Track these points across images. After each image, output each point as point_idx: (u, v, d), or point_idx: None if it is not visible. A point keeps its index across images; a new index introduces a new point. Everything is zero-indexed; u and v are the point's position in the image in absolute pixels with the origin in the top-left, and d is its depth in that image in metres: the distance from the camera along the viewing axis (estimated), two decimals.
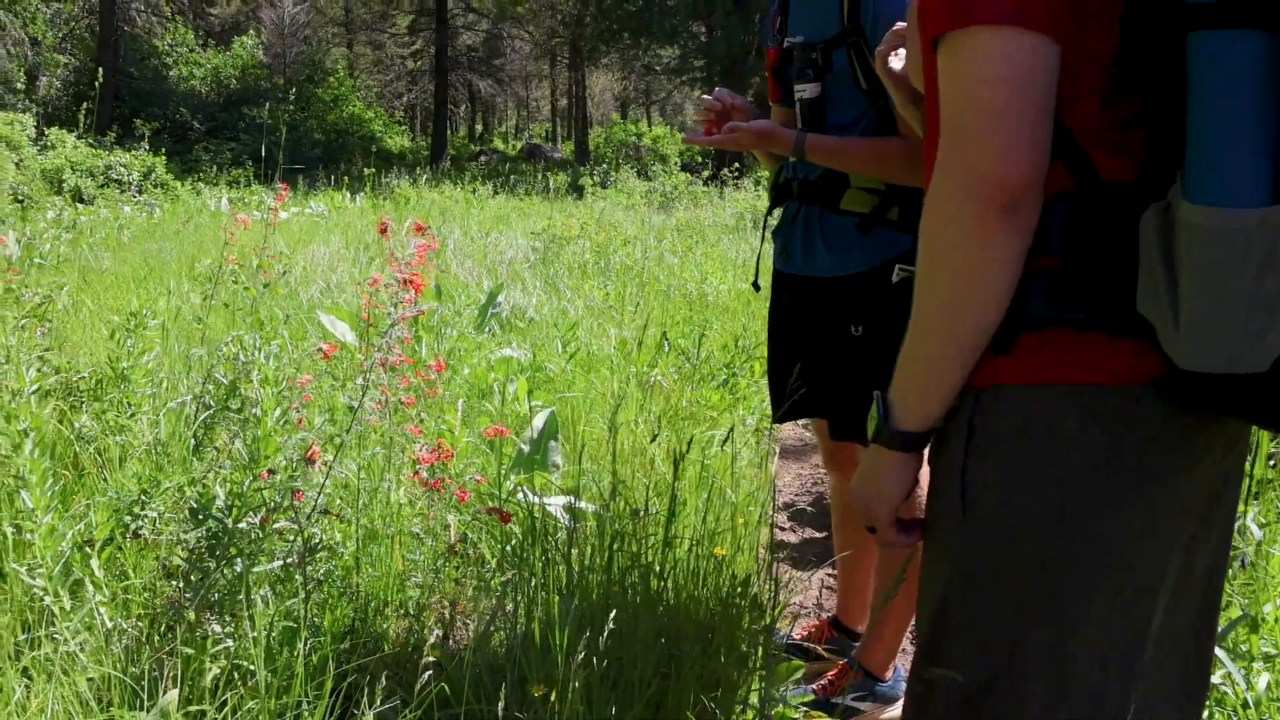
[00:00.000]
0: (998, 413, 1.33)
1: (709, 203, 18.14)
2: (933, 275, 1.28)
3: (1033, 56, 1.20)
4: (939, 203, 1.26)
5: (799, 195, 2.67)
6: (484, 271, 8.86)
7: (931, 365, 1.32)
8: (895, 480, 1.41)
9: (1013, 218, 1.22)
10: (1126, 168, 1.28)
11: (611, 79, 51.86)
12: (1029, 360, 1.30)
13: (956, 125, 1.24)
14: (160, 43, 31.75)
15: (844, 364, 2.62)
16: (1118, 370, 1.28)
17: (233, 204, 17.10)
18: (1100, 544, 1.30)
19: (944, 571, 1.40)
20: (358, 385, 3.13)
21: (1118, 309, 1.26)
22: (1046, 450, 1.30)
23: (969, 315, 1.27)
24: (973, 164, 1.21)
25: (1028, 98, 1.20)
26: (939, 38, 1.26)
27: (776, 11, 2.77)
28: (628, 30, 32.76)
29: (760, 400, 5.50)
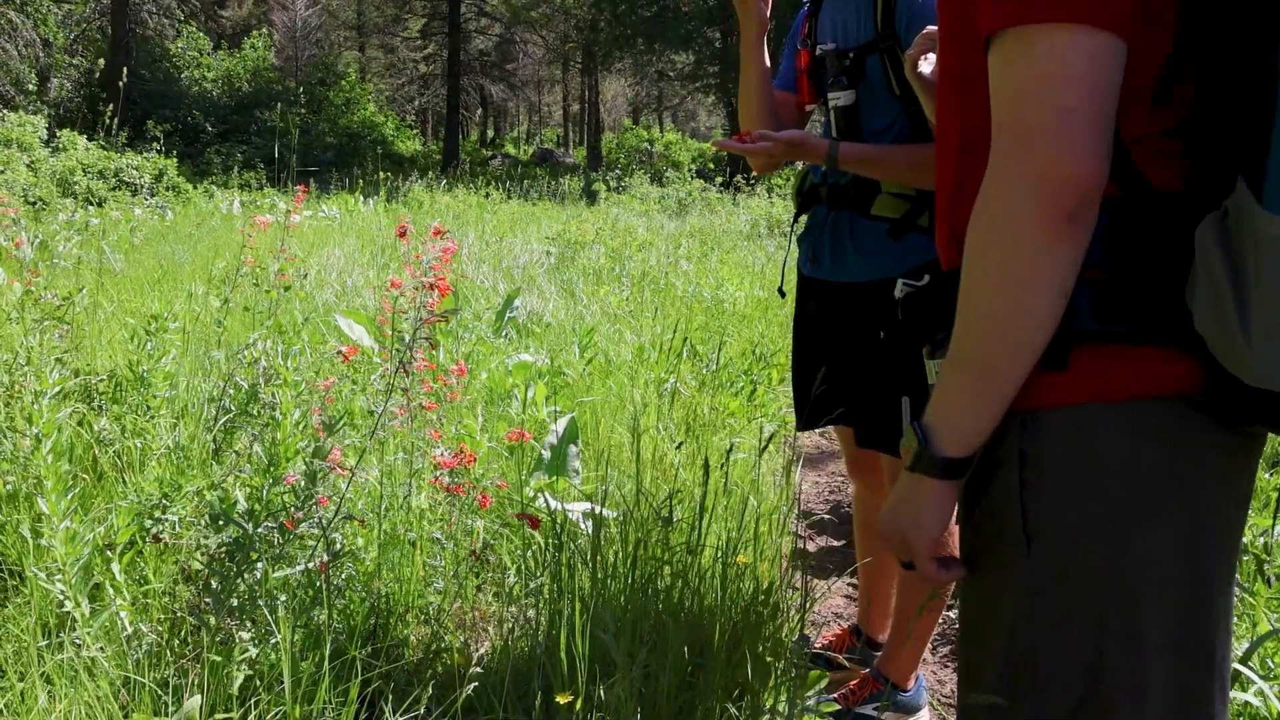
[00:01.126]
0: (1050, 437, 1.27)
1: (723, 209, 18.15)
2: (986, 286, 1.22)
3: (1106, 56, 1.15)
4: (994, 208, 1.20)
5: (829, 201, 2.66)
6: (499, 276, 8.85)
7: (982, 384, 1.25)
8: (936, 511, 1.32)
9: (1074, 225, 1.16)
10: (1173, 176, 1.24)
11: (624, 84, 51.86)
12: (1079, 378, 1.25)
13: (1020, 126, 1.18)
14: (174, 46, 31.84)
15: (871, 370, 2.60)
16: (1166, 383, 1.24)
17: (245, 207, 17.13)
18: (1165, 561, 1.26)
19: (1010, 604, 1.32)
20: (379, 389, 3.12)
21: (1166, 321, 1.22)
22: (1103, 472, 1.25)
23: (1026, 329, 1.20)
24: (1038, 167, 1.16)
25: (1098, 99, 1.15)
26: (999, 33, 1.20)
27: (807, 16, 2.77)
28: (641, 35, 32.76)
29: (779, 408, 5.47)
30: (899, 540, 1.37)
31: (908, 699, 2.92)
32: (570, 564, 2.86)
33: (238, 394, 3.56)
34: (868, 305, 2.58)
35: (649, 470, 3.76)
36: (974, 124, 1.29)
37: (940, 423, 1.29)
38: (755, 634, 2.72)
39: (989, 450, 1.31)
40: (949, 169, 1.37)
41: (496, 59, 46.80)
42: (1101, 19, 1.14)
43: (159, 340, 3.59)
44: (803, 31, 2.76)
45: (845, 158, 2.47)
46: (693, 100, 47.47)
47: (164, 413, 3.55)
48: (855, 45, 2.53)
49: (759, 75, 2.72)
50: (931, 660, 3.36)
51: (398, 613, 2.83)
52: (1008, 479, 1.30)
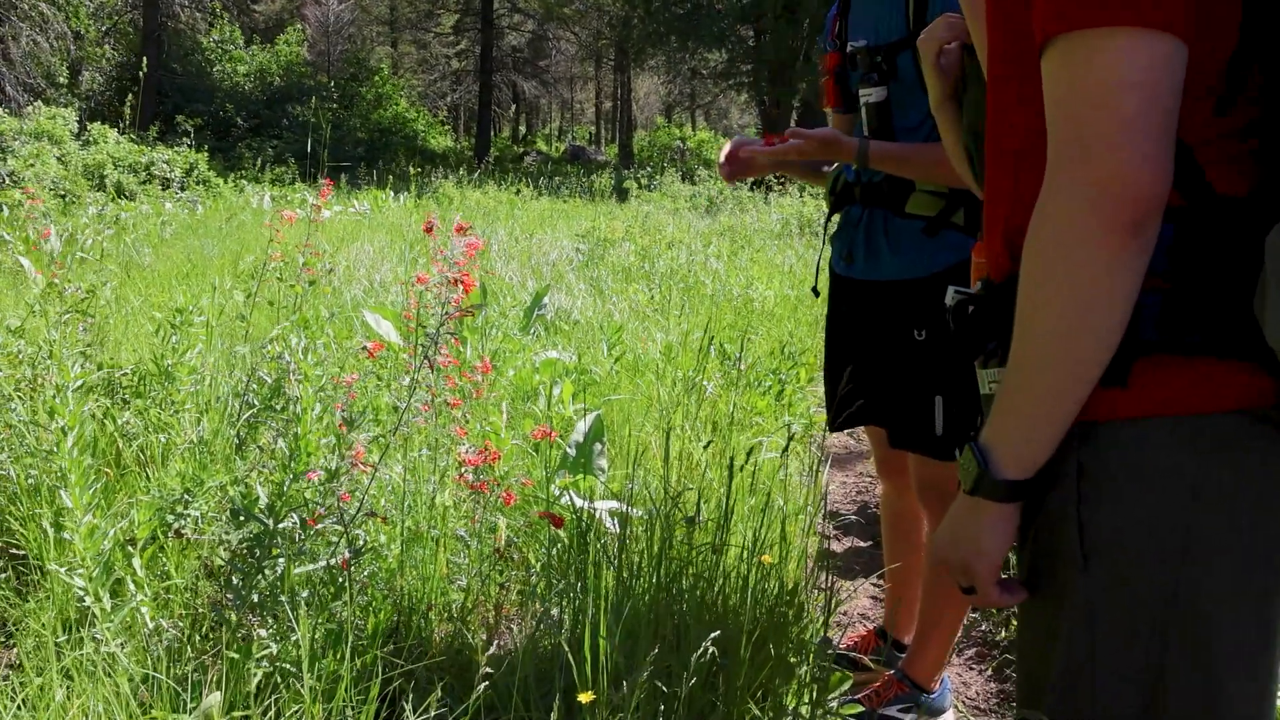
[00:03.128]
0: (1111, 451, 1.23)
1: (754, 208, 18.07)
2: (1047, 301, 1.17)
3: (1166, 60, 1.11)
4: (1054, 219, 1.15)
5: (862, 199, 2.64)
6: (528, 273, 8.83)
7: (1045, 403, 1.21)
8: (998, 535, 1.27)
9: (1138, 236, 1.12)
10: (1241, 182, 1.20)
11: (657, 82, 51.76)
12: (1142, 390, 1.21)
13: (1079, 135, 1.13)
14: (206, 39, 32.02)
15: (905, 369, 2.57)
16: (1232, 396, 1.20)
17: (275, 202, 17.20)
18: (1232, 579, 1.21)
19: (1066, 620, 1.28)
20: (404, 385, 3.09)
21: (1232, 331, 1.18)
22: (1166, 488, 1.21)
23: (1090, 345, 1.16)
24: (1099, 178, 1.11)
25: (1160, 106, 1.10)
26: (1055, 39, 1.16)
27: (836, 16, 2.75)
28: (675, 33, 32.64)
29: (807, 407, 5.42)
30: (960, 566, 1.33)
31: (933, 701, 2.88)
32: (596, 562, 2.83)
33: (261, 388, 3.54)
34: (902, 304, 2.56)
35: (676, 469, 3.72)
36: (1033, 129, 1.23)
37: (1000, 444, 1.24)
38: (780, 635, 2.69)
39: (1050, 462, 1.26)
40: (1004, 175, 1.33)
41: (529, 55, 46.90)
42: (1161, 21, 1.10)
43: (184, 334, 3.58)
44: (832, 33, 2.75)
45: (876, 156, 2.45)
46: (725, 98, 47.35)
47: (188, 407, 3.54)
48: (886, 42, 2.51)
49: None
50: (957, 662, 3.31)
51: (420, 610, 2.80)
52: (1065, 492, 1.25)
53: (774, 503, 3.31)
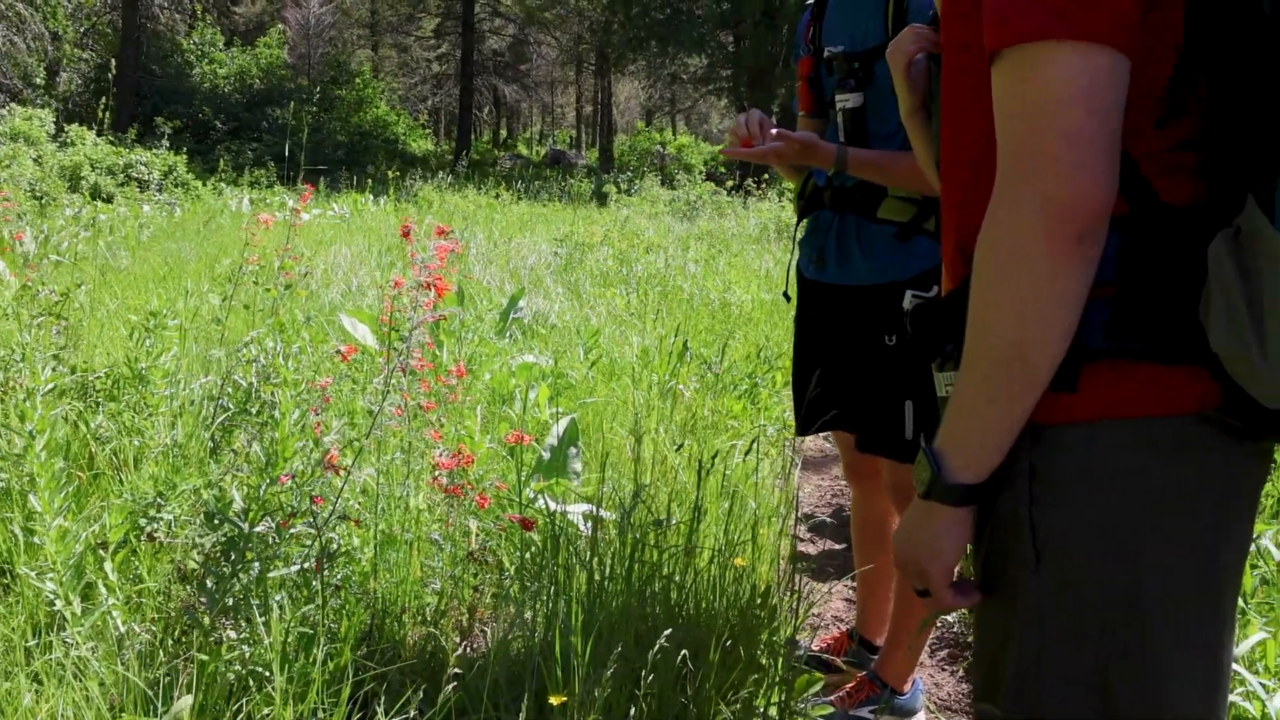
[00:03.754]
0: (1062, 453, 1.25)
1: (733, 213, 18.13)
2: (997, 310, 1.20)
3: (1109, 74, 1.13)
4: (1002, 232, 1.18)
5: (833, 204, 2.66)
6: (506, 277, 8.84)
7: (996, 409, 1.23)
8: (951, 538, 1.30)
9: (1084, 246, 1.14)
10: (1184, 191, 1.22)
11: (637, 86, 51.83)
12: (1089, 395, 1.23)
13: (1026, 147, 1.16)
14: (186, 41, 31.87)
15: (876, 374, 2.60)
16: (1179, 400, 1.22)
17: (254, 205, 17.15)
18: (1178, 578, 1.24)
19: (1019, 621, 1.31)
20: (377, 389, 3.09)
21: (1179, 337, 1.21)
22: (1115, 490, 1.23)
23: (1038, 352, 1.18)
24: (1044, 190, 1.13)
25: (1103, 119, 1.13)
26: (1004, 50, 1.18)
27: (810, 21, 2.77)
28: (655, 38, 32.74)
29: (782, 411, 5.45)
30: (915, 569, 1.34)
31: (904, 702, 2.92)
32: (568, 565, 2.84)
33: (236, 392, 3.54)
34: (873, 309, 2.58)
35: (649, 472, 3.74)
36: (989, 138, 1.25)
37: (953, 449, 1.27)
38: (750, 637, 2.71)
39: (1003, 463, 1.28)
40: (960, 182, 1.35)
41: (510, 59, 46.82)
42: (1102, 36, 1.12)
43: (158, 337, 3.58)
44: (806, 38, 2.77)
45: (854, 163, 2.47)
46: (705, 103, 47.42)
47: (162, 411, 3.53)
48: (864, 49, 2.53)
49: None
50: (929, 664, 3.34)
51: (394, 613, 2.81)
52: (1017, 494, 1.27)
53: (746, 505, 3.33)
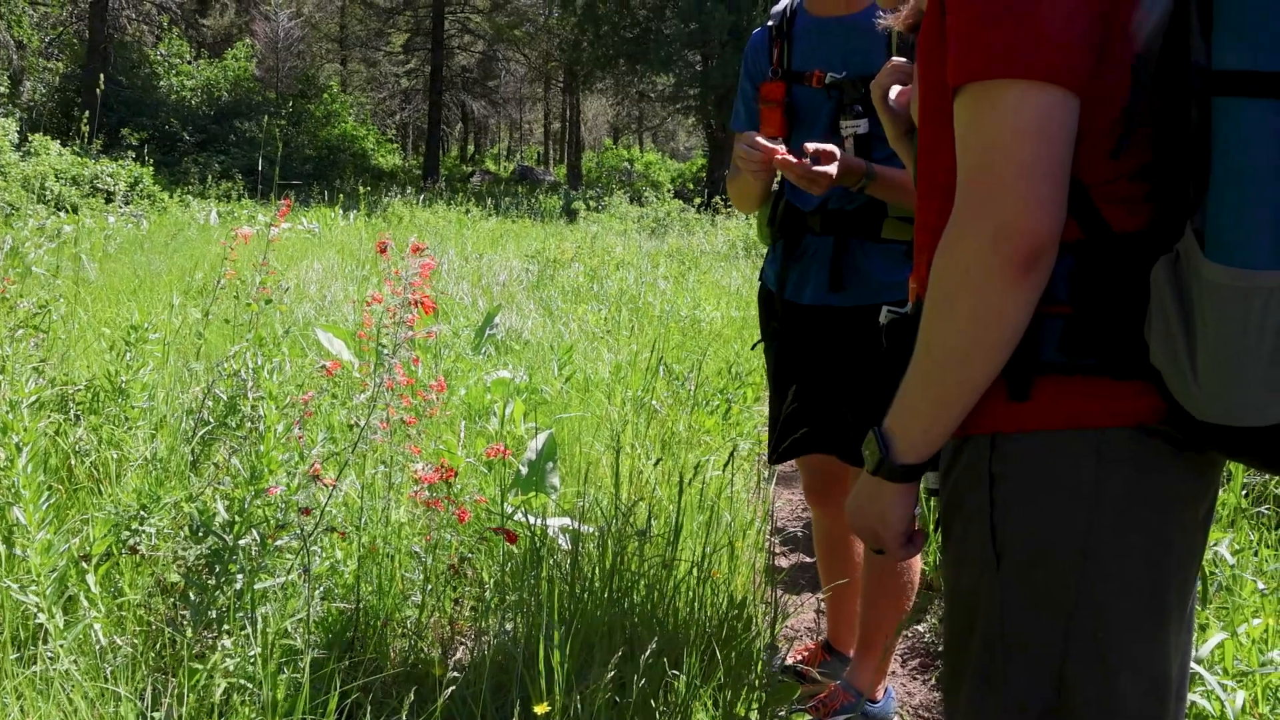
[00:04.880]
0: (1018, 460, 1.35)
1: (701, 230, 18.23)
2: (947, 321, 1.30)
3: (1061, 112, 1.23)
4: (956, 251, 1.28)
5: (824, 228, 2.70)
6: (479, 293, 8.87)
7: (938, 405, 1.35)
8: (898, 508, 1.44)
9: (1032, 271, 1.24)
10: (1133, 219, 1.31)
11: (605, 104, 52.03)
12: (1044, 406, 1.33)
13: (981, 177, 1.25)
14: (153, 52, 31.66)
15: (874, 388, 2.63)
16: (1128, 412, 1.31)
17: (222, 218, 17.06)
18: (1128, 580, 1.33)
19: (981, 618, 1.40)
20: (361, 403, 3.12)
21: (1127, 354, 1.30)
22: (1068, 495, 1.33)
23: (980, 362, 1.29)
24: (998, 217, 1.23)
25: (1052, 152, 1.23)
26: (964, 86, 1.28)
27: (772, 44, 2.80)
28: (623, 57, 32.91)
29: (754, 426, 5.51)
30: (869, 534, 1.49)
31: (877, 710, 2.99)
32: (549, 578, 2.89)
33: (216, 406, 3.56)
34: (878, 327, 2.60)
35: (626, 486, 3.79)
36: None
37: (900, 434, 1.39)
38: (728, 646, 2.76)
39: (965, 469, 1.39)
40: (933, 209, 1.42)
41: (479, 75, 46.81)
42: (1053, 76, 1.22)
43: (138, 351, 3.59)
44: (772, 60, 2.79)
45: (881, 179, 2.52)
46: (673, 121, 47.68)
47: (141, 424, 3.54)
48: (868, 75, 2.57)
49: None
50: (901, 673, 3.41)
51: (376, 625, 2.84)
52: (979, 498, 1.37)
53: (721, 518, 3.38)
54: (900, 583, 2.85)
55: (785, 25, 2.78)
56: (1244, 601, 3.01)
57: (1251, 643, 2.80)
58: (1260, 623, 2.85)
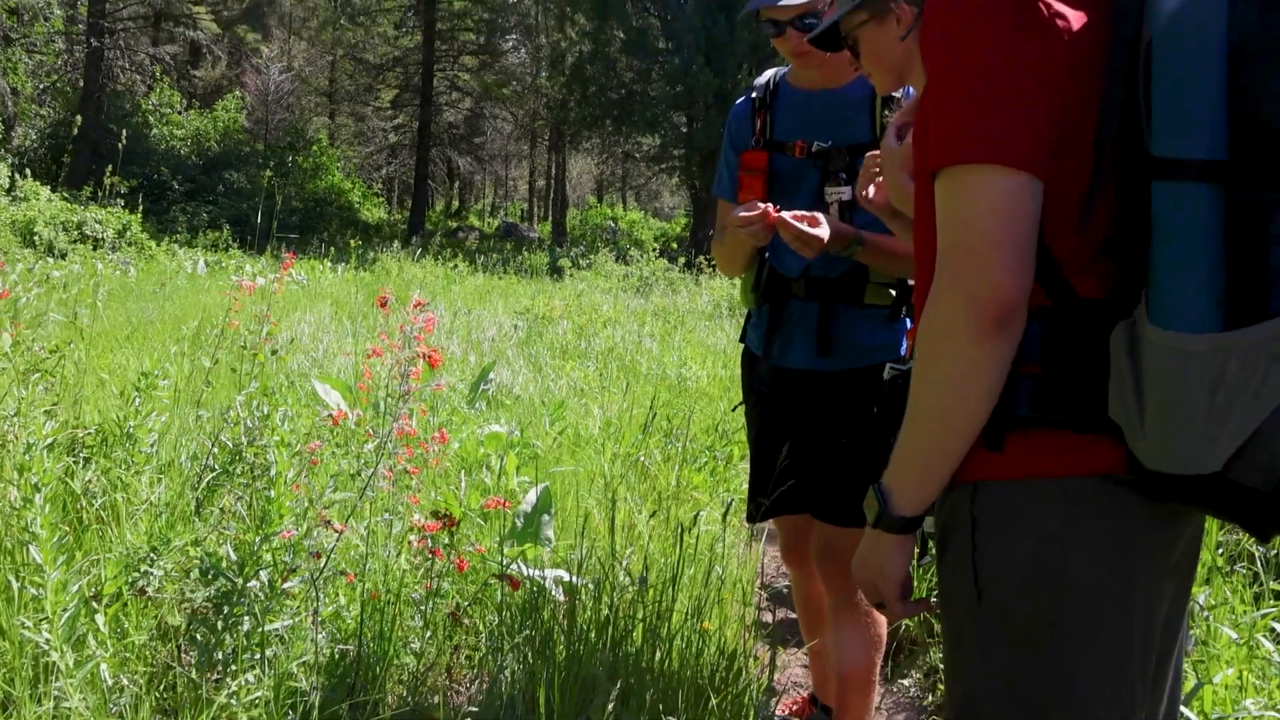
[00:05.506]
0: (996, 506, 1.49)
1: (685, 289, 18.38)
2: (931, 380, 1.45)
3: (1024, 193, 1.38)
4: (938, 317, 1.43)
5: (808, 294, 2.79)
6: (469, 348, 8.96)
7: (928, 458, 1.48)
8: (897, 560, 1.56)
9: (1004, 332, 1.39)
10: (1099, 287, 1.46)
11: (590, 162, 52.45)
12: (1018, 457, 1.46)
13: (957, 250, 1.41)
14: (145, 101, 31.84)
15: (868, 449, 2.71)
16: (1094, 464, 1.45)
17: (210, 268, 17.14)
18: (1095, 619, 1.45)
19: (966, 652, 1.54)
20: (369, 452, 3.22)
21: (1092, 410, 1.43)
22: (1040, 540, 1.46)
23: (962, 416, 1.44)
24: (971, 285, 1.39)
25: (1019, 229, 1.38)
26: (940, 170, 1.44)
27: (755, 114, 2.91)
28: (610, 117, 33.26)
29: (741, 483, 5.60)
30: (870, 587, 1.61)
31: None
32: (547, 627, 2.97)
33: (223, 452, 3.64)
34: (861, 388, 2.68)
35: (620, 539, 3.87)
36: None
37: (896, 488, 1.52)
38: (720, 695, 2.84)
39: (950, 515, 1.53)
40: (928, 273, 1.55)
41: (465, 132, 47.19)
42: (1017, 161, 1.38)
43: (147, 397, 3.67)
44: (755, 130, 2.90)
45: (869, 245, 2.62)
46: (657, 181, 48.13)
47: (147, 468, 3.62)
48: (851, 144, 2.70)
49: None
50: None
51: (378, 670, 2.90)
52: (962, 541, 1.51)
53: (713, 571, 3.47)
54: (867, 637, 2.87)
55: (768, 97, 2.90)
56: (1218, 652, 3.12)
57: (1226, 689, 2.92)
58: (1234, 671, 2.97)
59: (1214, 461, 1.32)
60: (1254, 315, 1.28)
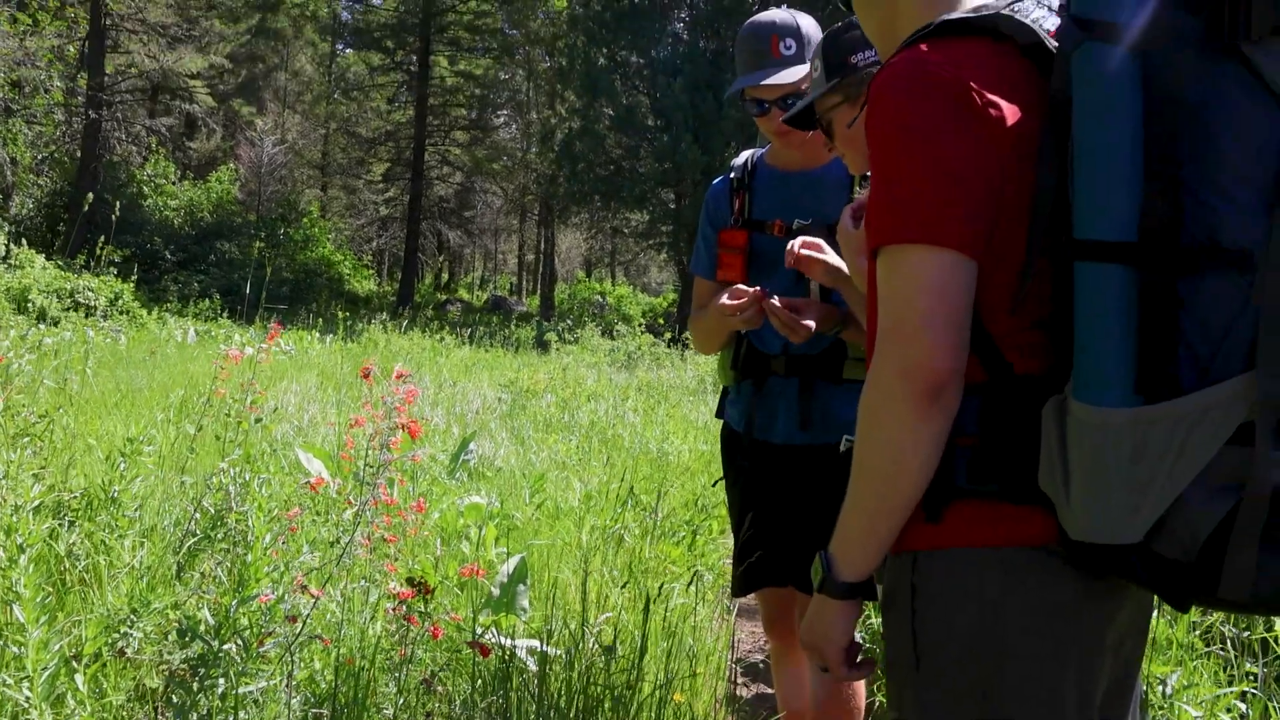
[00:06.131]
0: (934, 575, 1.54)
1: (670, 364, 18.50)
2: (870, 449, 1.52)
3: (956, 271, 1.46)
4: (876, 388, 1.50)
5: (788, 371, 2.86)
6: (453, 419, 9.04)
7: (870, 525, 1.53)
8: (841, 625, 1.60)
9: (938, 403, 1.45)
10: (1034, 363, 1.53)
11: (579, 237, 52.85)
12: (956, 527, 1.53)
13: (893, 324, 1.49)
14: (141, 172, 32.11)
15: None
16: (1029, 534, 1.51)
17: (200, 337, 17.23)
18: (1031, 680, 1.51)
19: (907, 715, 1.59)
20: (347, 519, 3.29)
21: (1025, 482, 1.50)
22: (977, 608, 1.52)
23: (900, 483, 1.49)
24: (906, 357, 1.46)
25: (951, 304, 1.46)
26: (879, 249, 1.53)
27: (734, 193, 2.99)
28: (598, 193, 33.54)
29: (719, 558, 5.66)
30: (815, 650, 1.66)
31: None
32: (519, 696, 3.02)
33: (205, 518, 3.72)
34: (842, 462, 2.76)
35: (594, 610, 3.93)
36: None
37: (840, 555, 1.58)
38: None
39: (893, 581, 1.59)
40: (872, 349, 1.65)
41: (456, 205, 47.51)
42: (948, 241, 1.46)
43: (132, 462, 3.76)
44: (734, 210, 2.99)
45: (854, 324, 2.67)
46: (645, 256, 48.42)
47: (131, 532, 3.69)
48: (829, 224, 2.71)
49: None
50: None
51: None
52: (902, 608, 1.58)
53: (685, 643, 3.52)
54: (846, 709, 2.91)
55: (746, 177, 2.98)
56: None
57: None
58: None
59: (1135, 532, 1.37)
60: (1168, 391, 1.35)
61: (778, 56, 2.85)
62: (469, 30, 42.62)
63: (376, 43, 42.59)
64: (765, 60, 2.86)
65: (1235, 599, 1.36)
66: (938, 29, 1.56)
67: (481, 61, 44.50)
